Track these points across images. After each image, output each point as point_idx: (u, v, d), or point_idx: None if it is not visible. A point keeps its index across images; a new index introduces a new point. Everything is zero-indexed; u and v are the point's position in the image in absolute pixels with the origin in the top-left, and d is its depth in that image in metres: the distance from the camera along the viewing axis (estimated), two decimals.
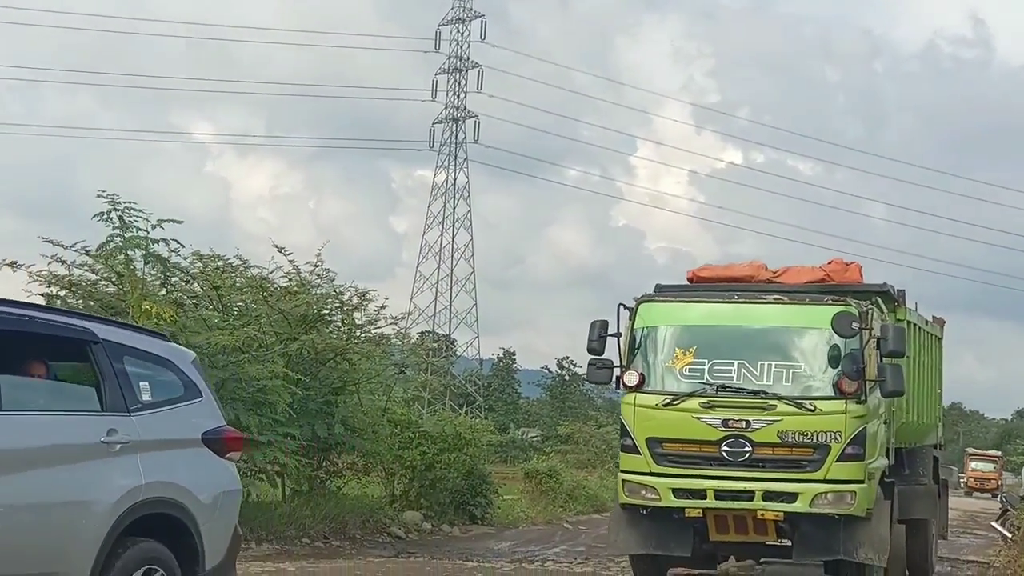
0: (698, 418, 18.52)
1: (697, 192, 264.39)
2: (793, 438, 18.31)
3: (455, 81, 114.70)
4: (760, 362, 18.66)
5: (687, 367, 18.83)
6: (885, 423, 19.93)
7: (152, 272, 21.74)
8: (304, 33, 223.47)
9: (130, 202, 21.19)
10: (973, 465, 75.15)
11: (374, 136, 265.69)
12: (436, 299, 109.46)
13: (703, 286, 21.34)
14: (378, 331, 26.37)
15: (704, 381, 18.80)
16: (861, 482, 18.54)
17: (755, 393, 18.52)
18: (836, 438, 18.07)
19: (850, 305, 18.83)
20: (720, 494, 18.54)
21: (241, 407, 21.06)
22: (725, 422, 18.43)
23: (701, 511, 18.65)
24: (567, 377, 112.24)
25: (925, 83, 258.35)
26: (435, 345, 52.53)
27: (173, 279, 22.50)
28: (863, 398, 18.52)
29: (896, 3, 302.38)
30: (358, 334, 25.43)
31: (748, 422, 18.33)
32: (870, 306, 19.74)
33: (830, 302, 19.16)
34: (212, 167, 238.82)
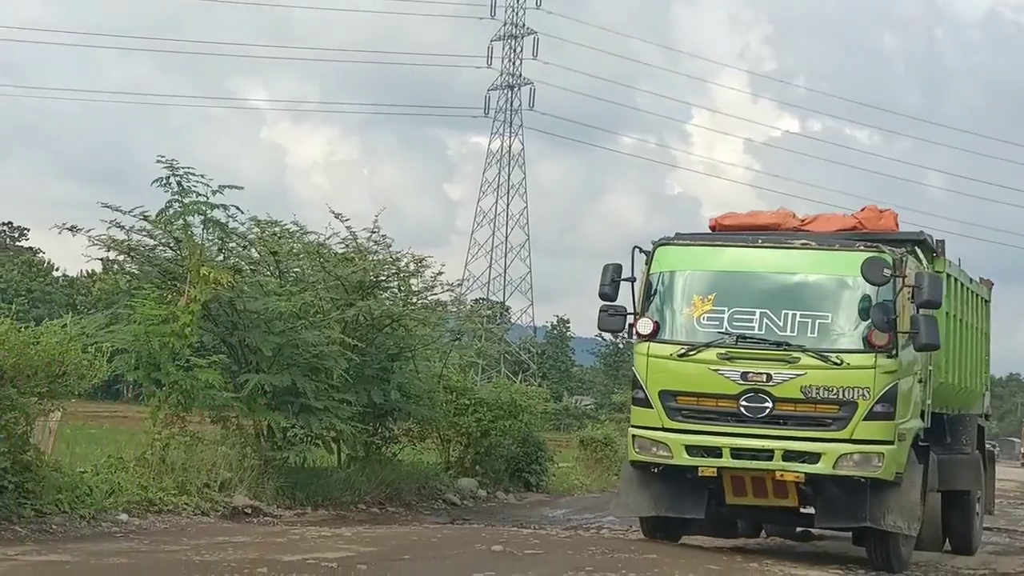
0: (715, 370, 17.50)
1: (753, 160, 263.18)
2: (817, 394, 17.17)
3: (511, 48, 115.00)
4: (784, 311, 17.52)
5: (705, 316, 17.80)
6: (920, 381, 18.65)
7: (210, 237, 21.67)
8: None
9: (189, 168, 21.34)
10: None
11: (429, 103, 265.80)
12: (491, 266, 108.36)
13: (726, 235, 19.65)
14: (434, 298, 26.48)
15: (723, 331, 17.75)
16: (890, 443, 17.35)
17: (777, 344, 17.46)
18: (864, 395, 16.97)
19: (883, 251, 17.44)
20: (737, 453, 17.47)
21: (297, 373, 21.17)
22: (744, 375, 17.40)
23: (716, 470, 17.59)
24: (621, 345, 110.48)
25: (987, 51, 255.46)
26: (489, 312, 52.61)
27: (231, 245, 22.51)
28: (895, 352, 17.36)
29: None
30: (414, 300, 25.33)
31: (769, 375, 17.24)
32: (905, 253, 18.19)
33: (861, 248, 17.94)
34: (268, 133, 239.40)
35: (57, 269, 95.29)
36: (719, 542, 19.81)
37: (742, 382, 17.25)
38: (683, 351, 17.61)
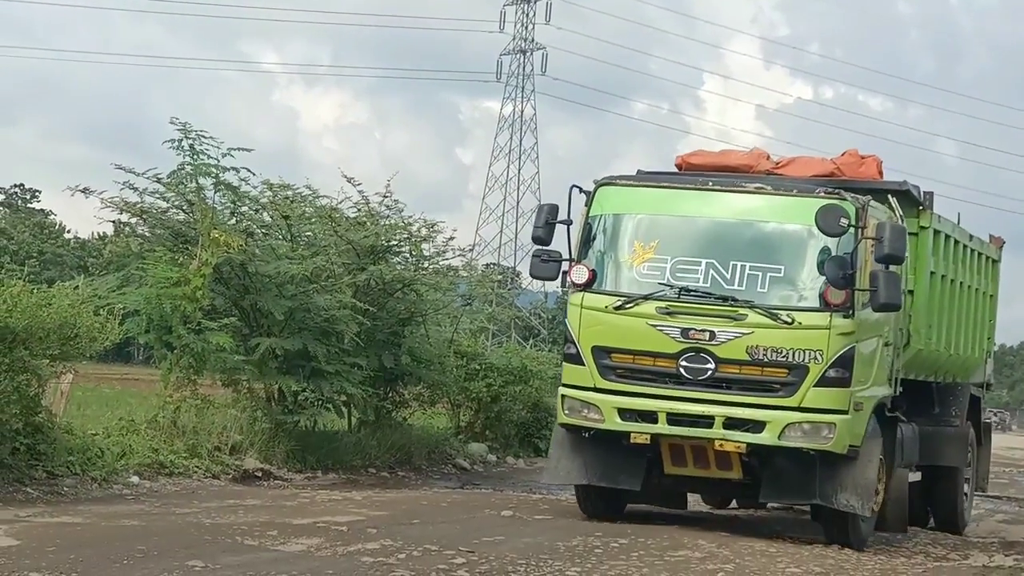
0: (653, 325, 15.62)
1: (764, 127, 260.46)
2: (765, 355, 15.32)
3: (523, 12, 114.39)
4: (733, 262, 15.60)
5: (645, 264, 15.90)
6: (887, 345, 16.55)
7: (222, 200, 21.65)
8: None
9: (201, 130, 21.14)
10: None
11: (441, 67, 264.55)
12: (502, 231, 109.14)
13: (692, 174, 17.59)
14: (446, 263, 26.06)
15: (664, 282, 15.80)
16: (844, 413, 15.39)
17: (723, 299, 15.55)
18: (816, 358, 15.14)
19: (844, 199, 15.33)
20: (674, 418, 15.57)
21: (309, 336, 21.16)
22: (685, 332, 15.52)
23: (649, 437, 15.68)
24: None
25: (1001, 17, 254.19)
26: (500, 277, 52.65)
27: (243, 208, 22.45)
28: (852, 312, 15.34)
29: None
30: (426, 265, 25.03)
31: (712, 333, 15.42)
32: (869, 202, 16.06)
33: (822, 194, 15.79)
34: (279, 96, 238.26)
35: (68, 231, 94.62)
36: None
37: (682, 340, 15.46)
38: (619, 303, 15.80)
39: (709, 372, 15.20)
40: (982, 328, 20.31)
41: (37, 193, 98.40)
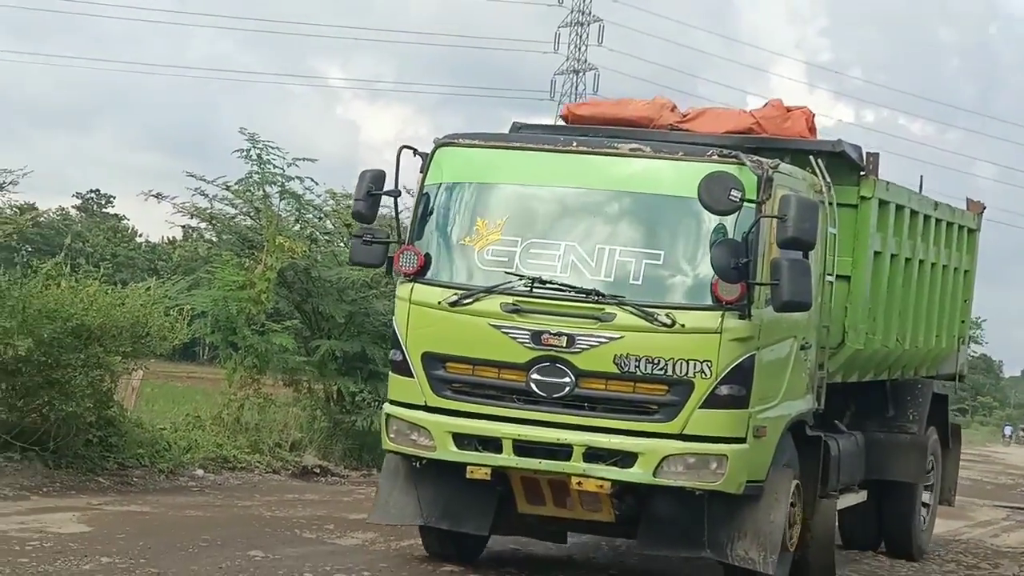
0: (497, 327, 10.49)
1: None
2: (637, 367, 10.24)
3: (577, 34, 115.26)
4: (599, 247, 10.59)
5: (490, 248, 10.84)
6: (804, 348, 11.23)
7: (287, 208, 21.64)
8: None
9: (268, 141, 20.84)
10: None
11: (498, 85, 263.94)
12: None
13: (575, 129, 12.45)
14: None
15: (513, 271, 10.62)
16: (739, 441, 10.34)
17: (585, 293, 10.38)
18: (704, 371, 10.22)
19: (742, 164, 10.20)
20: (523, 447, 10.48)
21: (367, 340, 21.17)
22: (536, 336, 10.39)
23: (490, 472, 10.55)
24: None
25: None
26: None
27: (307, 216, 22.48)
28: (749, 311, 10.28)
29: None
30: None
31: (571, 338, 10.34)
32: (777, 168, 10.58)
33: (715, 158, 10.48)
34: (343, 110, 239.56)
35: (140, 235, 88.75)
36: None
37: (533, 346, 10.40)
38: (455, 298, 10.65)
39: (567, 388, 10.41)
40: (952, 312, 15.19)
41: (111, 198, 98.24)
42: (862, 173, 12.43)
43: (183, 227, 21.70)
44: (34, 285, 14.64)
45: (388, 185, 10.97)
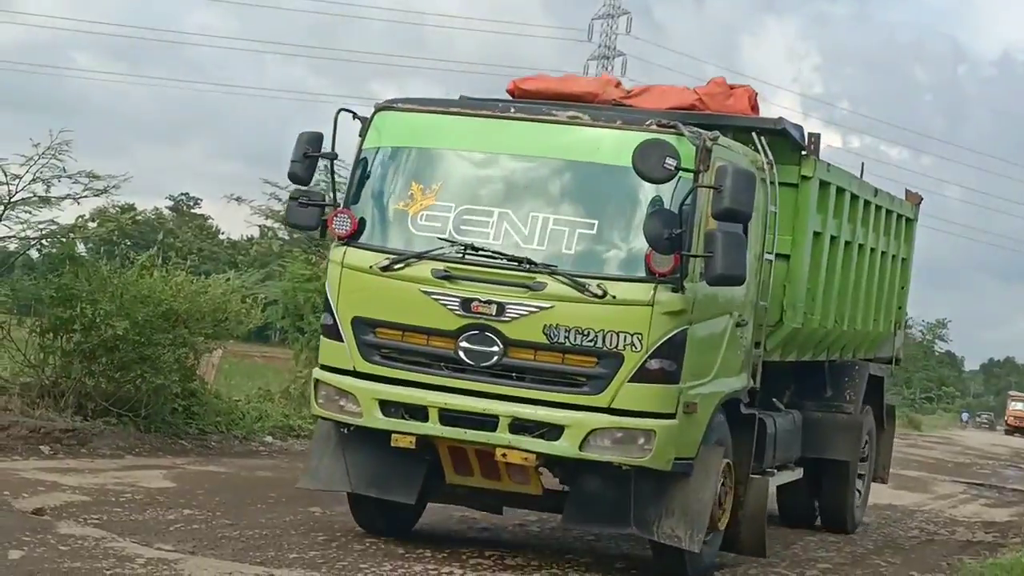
0: (427, 293, 8.78)
1: None
2: (567, 338, 8.57)
3: (603, 67, 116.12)
4: (533, 214, 8.82)
5: (424, 213, 9.06)
6: (740, 325, 9.35)
7: None
8: (481, 21, 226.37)
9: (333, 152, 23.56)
10: (1014, 405, 67.62)
11: (532, 66, 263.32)
12: None
13: (522, 101, 10.49)
14: None
15: (446, 237, 8.90)
16: (668, 417, 8.51)
17: (517, 261, 8.64)
18: (634, 344, 8.50)
19: (681, 134, 8.51)
20: (449, 416, 8.73)
21: None
22: (466, 304, 8.69)
23: (414, 440, 8.84)
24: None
25: (1000, 86, 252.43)
26: None
27: None
28: (682, 284, 8.54)
29: (979, 16, 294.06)
30: None
31: (500, 306, 8.63)
32: (716, 139, 8.82)
33: (653, 127, 8.63)
34: None
35: (223, 233, 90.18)
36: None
37: (463, 313, 8.73)
38: (386, 262, 8.94)
39: (495, 357, 8.77)
40: (890, 297, 13.62)
41: (199, 200, 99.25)
42: (803, 153, 10.65)
43: (259, 226, 21.65)
44: (131, 274, 14.39)
45: (326, 148, 9.39)
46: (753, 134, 9.83)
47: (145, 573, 7.65)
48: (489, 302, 8.49)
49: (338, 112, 9.04)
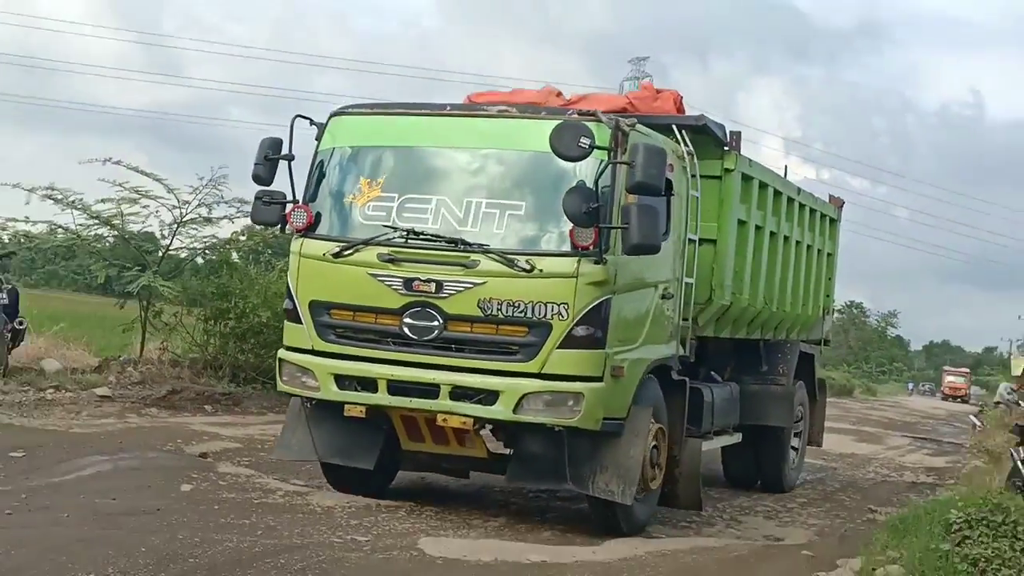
0: (374, 276, 7.87)
1: None
2: (500, 310, 7.62)
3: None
4: (467, 200, 7.87)
5: (371, 204, 8.08)
6: (665, 298, 8.34)
7: None
8: (532, 82, 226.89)
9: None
10: (949, 379, 65.56)
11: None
12: None
13: (463, 104, 9.27)
14: None
15: (390, 224, 7.93)
16: (596, 380, 7.58)
17: (452, 243, 7.76)
18: (561, 313, 7.55)
19: (599, 121, 7.58)
20: (396, 387, 7.81)
21: None
22: (408, 283, 7.78)
23: (364, 410, 7.90)
24: None
25: (941, 131, 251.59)
26: None
27: None
28: (601, 256, 7.57)
29: (925, 76, 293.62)
30: None
31: (439, 284, 7.71)
32: (634, 126, 7.82)
33: (575, 117, 7.74)
34: None
35: None
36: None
37: (406, 292, 7.81)
38: (338, 250, 8.06)
39: (436, 331, 7.78)
40: (817, 286, 12.46)
41: None
42: (726, 148, 9.62)
43: None
44: (272, 276, 14.90)
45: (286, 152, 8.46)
46: (674, 127, 8.84)
47: (283, 502, 7.79)
48: (429, 281, 7.65)
49: (294, 118, 8.13)
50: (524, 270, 7.46)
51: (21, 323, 11.75)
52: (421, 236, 7.64)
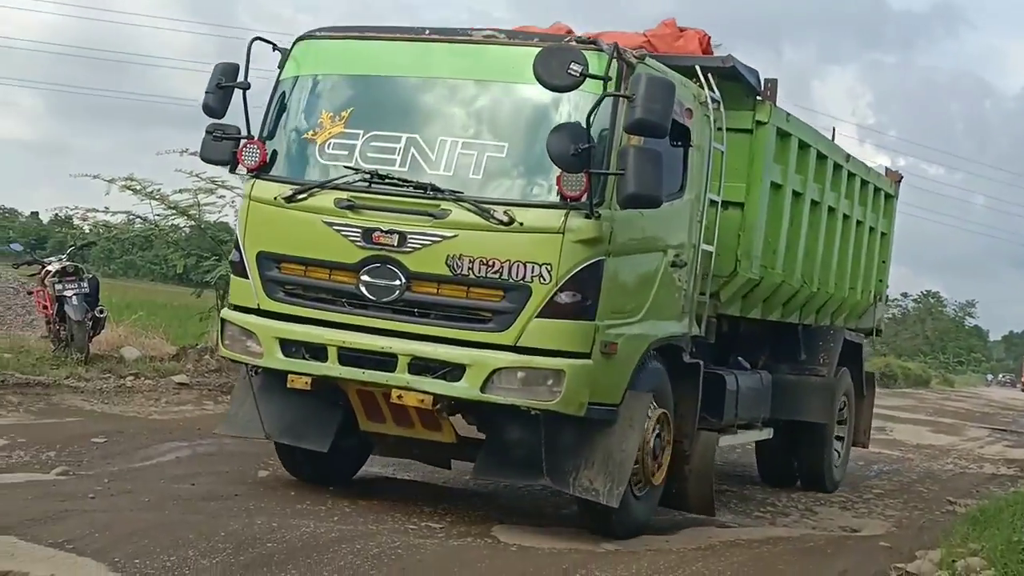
0: (329, 224, 6.30)
1: None
2: (471, 269, 6.04)
3: None
4: (441, 139, 6.27)
5: (332, 141, 6.53)
6: (676, 266, 6.75)
7: None
8: None
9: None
10: None
11: None
12: None
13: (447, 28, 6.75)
14: None
15: (351, 165, 6.36)
16: (582, 356, 5.99)
17: (422, 188, 6.14)
18: (543, 275, 5.97)
19: (600, 49, 6.09)
20: (348, 355, 6.25)
21: None
22: (368, 234, 6.20)
23: (310, 381, 6.37)
24: None
25: (1020, 116, 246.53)
26: None
27: None
28: (593, 209, 5.94)
29: (1003, 60, 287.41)
30: None
31: (403, 236, 6.14)
32: (641, 60, 6.26)
33: (573, 44, 6.15)
34: None
35: None
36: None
37: (365, 245, 6.24)
38: (290, 193, 6.44)
39: (397, 292, 6.23)
40: (869, 268, 10.76)
41: None
42: (758, 98, 7.99)
43: None
44: None
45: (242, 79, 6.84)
46: (698, 68, 7.25)
47: (358, 488, 7.70)
48: (391, 232, 6.16)
49: (252, 40, 6.69)
50: (501, 222, 5.99)
51: (102, 312, 11.97)
52: (386, 180, 6.22)
